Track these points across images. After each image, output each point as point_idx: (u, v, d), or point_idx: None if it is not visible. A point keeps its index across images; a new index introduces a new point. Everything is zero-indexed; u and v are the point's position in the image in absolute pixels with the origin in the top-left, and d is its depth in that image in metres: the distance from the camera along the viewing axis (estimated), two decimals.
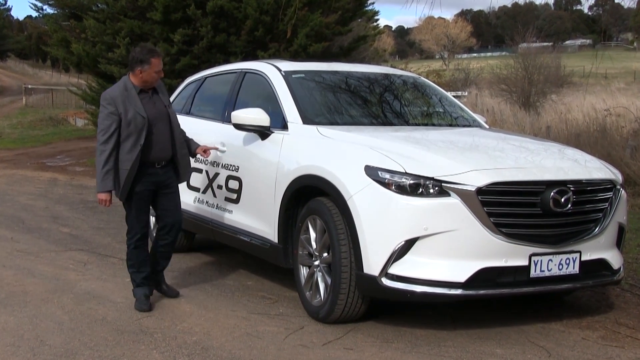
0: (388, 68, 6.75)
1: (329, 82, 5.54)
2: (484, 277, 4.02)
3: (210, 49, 12.97)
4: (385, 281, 4.02)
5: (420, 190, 4.00)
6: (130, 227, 4.75)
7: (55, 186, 11.11)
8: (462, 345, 4.08)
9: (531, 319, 4.57)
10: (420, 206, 3.98)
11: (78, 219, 8.10)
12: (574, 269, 4.21)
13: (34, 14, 75.59)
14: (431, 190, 4.00)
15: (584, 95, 18.49)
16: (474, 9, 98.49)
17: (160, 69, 4.72)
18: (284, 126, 4.98)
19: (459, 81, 27.81)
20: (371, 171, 4.12)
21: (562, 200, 4.11)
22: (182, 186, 5.77)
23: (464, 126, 5.58)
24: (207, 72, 6.64)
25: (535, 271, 4.10)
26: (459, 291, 4.00)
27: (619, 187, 4.53)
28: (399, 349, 4.01)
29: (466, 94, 22.44)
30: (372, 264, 4.05)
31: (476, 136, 5.11)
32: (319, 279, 4.47)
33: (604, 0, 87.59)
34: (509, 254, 4.04)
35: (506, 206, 4.05)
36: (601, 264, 4.41)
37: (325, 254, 4.41)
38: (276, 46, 13.09)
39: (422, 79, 6.24)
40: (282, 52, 12.97)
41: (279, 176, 4.79)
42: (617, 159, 9.05)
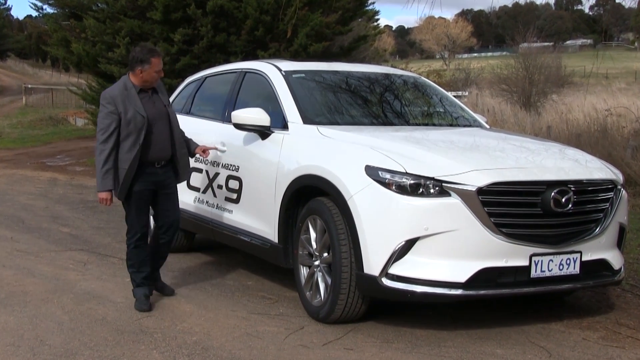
0: (388, 68, 6.74)
1: (329, 82, 5.54)
2: (484, 277, 4.01)
3: (211, 48, 12.95)
4: (386, 281, 4.02)
5: (421, 190, 3.99)
6: (130, 226, 4.75)
7: (55, 186, 11.11)
8: (462, 345, 4.07)
9: (532, 320, 4.56)
10: (421, 206, 3.97)
11: (78, 219, 8.10)
12: (574, 269, 4.21)
13: (34, 13, 75.64)
14: (432, 190, 3.99)
15: (584, 95, 18.48)
16: (475, 9, 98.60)
17: (161, 69, 4.73)
18: (284, 126, 4.98)
19: (459, 81, 27.79)
20: (372, 171, 4.12)
21: (563, 200, 4.11)
22: (182, 186, 5.77)
23: (464, 126, 5.57)
24: (207, 71, 6.63)
25: (535, 271, 4.09)
26: (459, 291, 4.00)
27: (619, 187, 4.53)
28: (399, 349, 4.01)
29: (467, 94, 22.43)
30: (372, 264, 4.05)
31: (477, 136, 5.10)
32: (319, 279, 4.46)
33: (604, 0, 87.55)
34: (509, 254, 4.03)
35: (507, 206, 4.04)
36: (602, 264, 4.40)
37: (326, 254, 4.41)
38: (276, 46, 13.08)
39: (423, 78, 6.24)
40: (283, 51, 12.96)
41: (279, 176, 4.79)
42: (617, 159, 9.05)
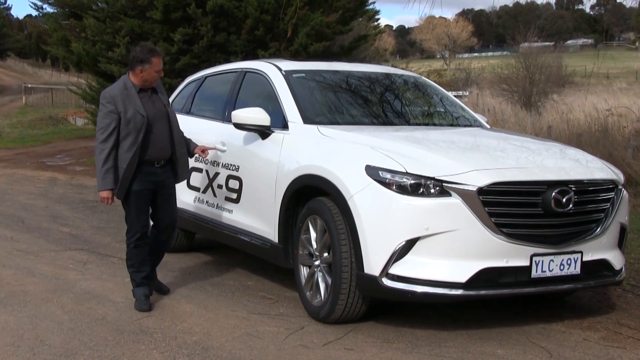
0: (389, 68, 6.74)
1: (329, 82, 5.53)
2: (485, 277, 4.01)
3: (211, 48, 12.94)
4: (386, 281, 4.01)
5: (421, 190, 3.99)
6: (129, 226, 4.74)
7: (55, 185, 11.10)
8: (463, 345, 4.07)
9: (532, 320, 4.56)
10: (421, 206, 3.96)
11: (78, 219, 8.09)
12: (575, 269, 4.20)
13: (34, 12, 75.58)
14: (432, 190, 3.98)
15: (585, 95, 18.47)
16: (475, 9, 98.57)
17: (161, 69, 4.73)
18: (284, 126, 4.97)
19: (460, 81, 27.77)
20: (372, 171, 4.11)
21: (564, 200, 4.10)
22: (182, 185, 5.77)
23: (465, 126, 5.56)
24: (207, 71, 6.62)
25: (536, 271, 4.09)
26: (459, 291, 3.99)
27: (620, 187, 4.52)
28: (399, 349, 4.00)
29: (467, 93, 22.43)
30: (372, 264, 4.04)
31: (477, 136, 5.10)
32: (320, 279, 4.45)
33: (605, 0, 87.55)
34: (510, 254, 4.02)
35: (507, 206, 4.03)
36: (603, 264, 4.40)
37: (326, 254, 4.40)
38: (277, 45, 13.07)
39: (423, 78, 6.23)
40: (283, 51, 12.95)
41: (280, 176, 4.78)
42: (618, 159, 9.04)
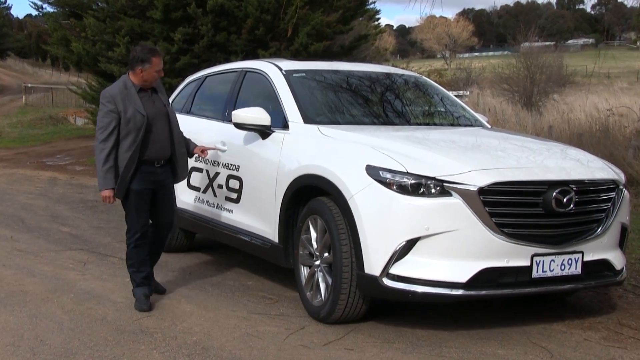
0: (389, 67, 6.73)
1: (330, 82, 5.52)
2: (485, 277, 4.00)
3: (211, 47, 12.94)
4: (387, 281, 4.00)
5: (422, 190, 3.98)
6: (130, 226, 4.73)
7: (55, 185, 11.10)
8: (463, 345, 4.06)
9: (533, 320, 4.55)
10: (422, 206, 3.96)
11: (78, 218, 8.09)
12: (576, 269, 4.19)
13: (34, 12, 75.57)
14: (433, 190, 3.97)
15: (586, 94, 18.46)
16: (476, 8, 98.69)
17: (161, 69, 4.73)
18: (284, 125, 4.96)
19: (460, 80, 27.74)
20: (372, 171, 4.10)
21: (565, 200, 4.09)
22: (182, 185, 5.77)
23: (465, 126, 5.56)
24: (208, 71, 6.62)
25: (537, 272, 4.08)
26: (460, 291, 3.98)
27: (621, 187, 4.51)
28: (400, 349, 3.99)
29: (468, 93, 22.39)
30: (373, 264, 4.03)
31: (478, 136, 5.09)
32: (320, 279, 4.45)
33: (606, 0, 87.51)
34: (510, 254, 4.02)
35: (508, 206, 4.02)
36: (604, 264, 4.39)
37: (326, 254, 4.39)
38: (277, 45, 13.07)
39: (424, 78, 6.22)
40: (283, 51, 12.95)
41: (280, 176, 4.77)
42: (619, 159, 9.03)
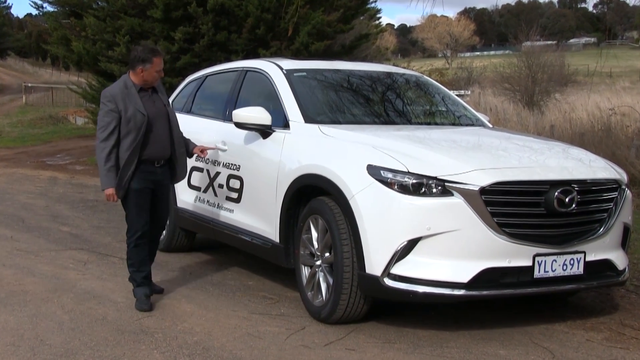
0: (390, 66, 6.72)
1: (331, 81, 5.51)
2: (487, 277, 3.98)
3: (211, 47, 12.92)
4: (388, 281, 3.99)
5: (423, 189, 3.96)
6: (130, 225, 4.73)
7: (55, 185, 11.09)
8: (465, 346, 4.04)
9: (535, 320, 4.53)
10: (423, 206, 3.94)
11: (78, 218, 8.08)
12: (578, 269, 4.18)
13: (34, 12, 75.55)
14: (434, 190, 3.96)
15: (588, 94, 18.45)
16: (477, 7, 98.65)
17: (161, 68, 4.74)
18: (285, 125, 4.95)
19: (461, 80, 27.76)
20: (373, 170, 4.09)
21: (567, 200, 4.07)
22: (182, 185, 5.76)
23: (467, 125, 5.54)
24: (208, 70, 6.61)
25: (539, 272, 4.06)
26: (462, 292, 3.97)
27: (624, 187, 4.49)
28: (401, 349, 3.98)
29: (469, 92, 22.40)
30: (374, 264, 4.02)
31: (479, 135, 5.07)
32: (321, 279, 4.43)
33: None
34: (512, 254, 4.00)
35: (510, 206, 4.01)
36: (606, 264, 4.37)
37: (327, 254, 4.38)
38: (278, 44, 13.05)
39: (425, 77, 6.21)
40: (284, 50, 12.94)
41: (281, 175, 4.76)
42: (622, 158, 9.02)
